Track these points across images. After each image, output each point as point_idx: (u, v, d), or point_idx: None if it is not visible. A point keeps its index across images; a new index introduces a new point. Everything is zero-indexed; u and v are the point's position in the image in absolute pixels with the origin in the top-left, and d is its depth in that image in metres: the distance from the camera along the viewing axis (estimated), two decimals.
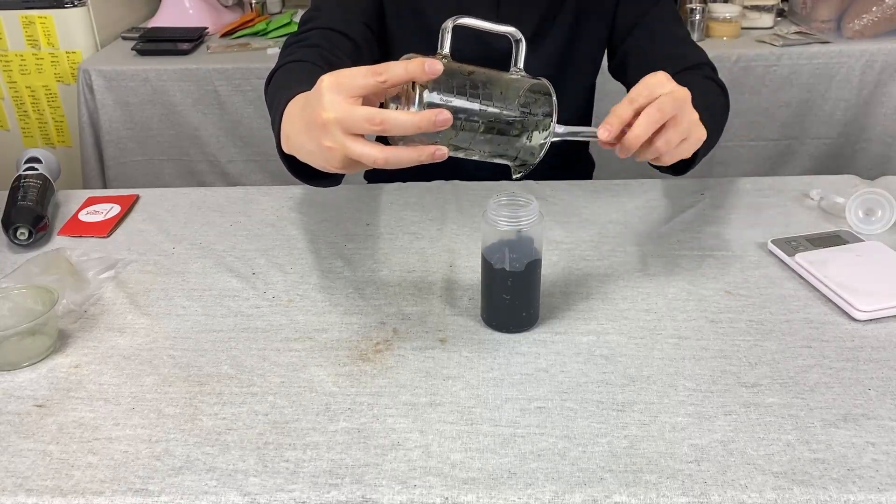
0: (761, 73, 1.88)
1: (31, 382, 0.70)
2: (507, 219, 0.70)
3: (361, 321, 0.78)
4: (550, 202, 1.01)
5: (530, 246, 0.71)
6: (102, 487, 0.58)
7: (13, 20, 1.99)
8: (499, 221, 0.70)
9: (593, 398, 0.66)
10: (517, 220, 0.69)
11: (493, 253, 0.72)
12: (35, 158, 1.06)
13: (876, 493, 0.56)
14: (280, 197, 1.05)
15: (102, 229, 0.96)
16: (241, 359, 0.73)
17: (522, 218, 0.69)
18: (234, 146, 2.00)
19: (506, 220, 0.70)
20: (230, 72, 1.91)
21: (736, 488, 0.56)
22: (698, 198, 1.01)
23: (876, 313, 0.75)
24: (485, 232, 0.72)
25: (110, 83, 1.93)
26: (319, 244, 0.93)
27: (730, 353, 0.71)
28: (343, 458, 0.60)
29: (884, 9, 1.89)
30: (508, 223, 0.70)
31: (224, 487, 0.58)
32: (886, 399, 0.65)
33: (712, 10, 2.01)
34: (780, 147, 1.97)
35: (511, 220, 0.69)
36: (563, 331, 0.75)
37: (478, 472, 0.59)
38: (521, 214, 0.70)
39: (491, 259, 0.72)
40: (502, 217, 0.70)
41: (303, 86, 0.66)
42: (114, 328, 0.78)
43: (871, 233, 0.89)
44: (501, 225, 0.70)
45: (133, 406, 0.67)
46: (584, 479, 0.58)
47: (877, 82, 1.89)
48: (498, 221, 0.70)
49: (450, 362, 0.71)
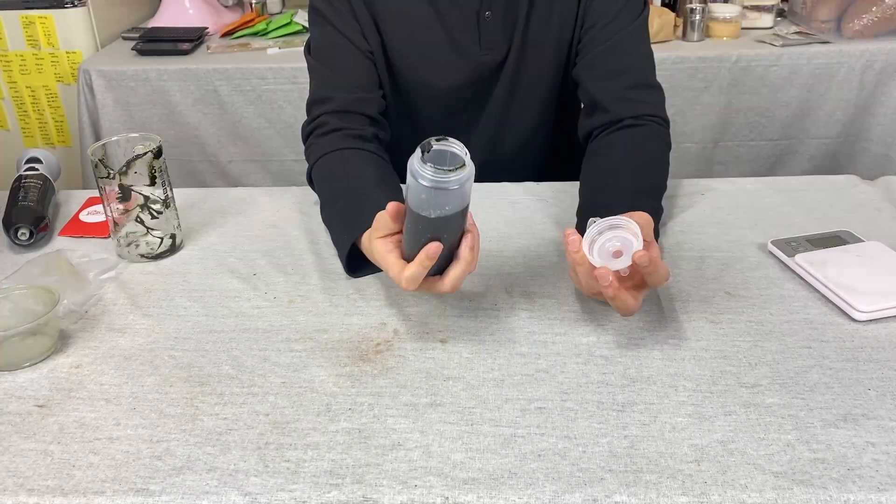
0: (761, 73, 1.88)
1: (32, 383, 0.70)
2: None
3: (362, 322, 0.78)
4: (550, 202, 1.01)
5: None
6: (103, 487, 0.58)
7: (13, 20, 1.99)
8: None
9: (593, 398, 0.66)
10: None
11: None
12: (35, 158, 1.06)
13: (876, 492, 0.56)
14: (281, 197, 1.05)
15: (103, 230, 0.96)
16: (242, 359, 0.73)
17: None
18: (234, 146, 2.00)
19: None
20: (230, 72, 1.91)
21: (736, 488, 0.57)
22: (698, 198, 1.01)
23: (876, 314, 0.75)
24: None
25: (110, 83, 1.93)
26: (320, 245, 0.93)
27: (730, 353, 0.71)
28: (344, 458, 0.60)
29: (884, 9, 1.89)
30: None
31: (225, 487, 0.58)
32: (886, 399, 0.65)
33: (712, 10, 2.01)
34: (780, 147, 1.97)
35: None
36: (563, 332, 0.75)
37: (478, 472, 0.59)
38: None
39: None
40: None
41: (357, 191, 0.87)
42: (115, 328, 0.78)
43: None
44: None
45: (134, 406, 0.67)
46: (585, 479, 0.58)
47: (877, 82, 1.89)
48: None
49: (450, 363, 0.71)
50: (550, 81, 1.08)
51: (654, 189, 0.89)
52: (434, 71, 1.04)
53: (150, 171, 0.87)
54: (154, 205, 0.88)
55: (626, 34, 0.99)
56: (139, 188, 0.87)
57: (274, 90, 1.92)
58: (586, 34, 1.01)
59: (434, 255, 0.67)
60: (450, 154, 0.64)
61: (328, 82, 1.00)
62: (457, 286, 0.71)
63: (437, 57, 1.03)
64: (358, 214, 0.82)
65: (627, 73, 0.99)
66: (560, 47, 1.04)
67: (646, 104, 0.98)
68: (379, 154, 0.96)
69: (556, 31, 1.03)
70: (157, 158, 0.87)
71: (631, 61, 1.00)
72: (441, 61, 1.04)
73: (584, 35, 1.01)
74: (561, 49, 1.04)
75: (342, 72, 1.00)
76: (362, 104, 0.99)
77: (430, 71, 1.04)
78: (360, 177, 0.90)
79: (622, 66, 0.99)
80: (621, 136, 0.96)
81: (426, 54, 1.03)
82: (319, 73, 1.01)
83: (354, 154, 0.94)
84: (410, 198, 0.65)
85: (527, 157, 1.15)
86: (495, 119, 1.09)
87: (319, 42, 1.02)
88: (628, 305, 0.71)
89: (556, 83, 1.08)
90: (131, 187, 0.86)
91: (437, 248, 0.67)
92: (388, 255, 0.72)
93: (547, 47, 1.04)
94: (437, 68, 1.04)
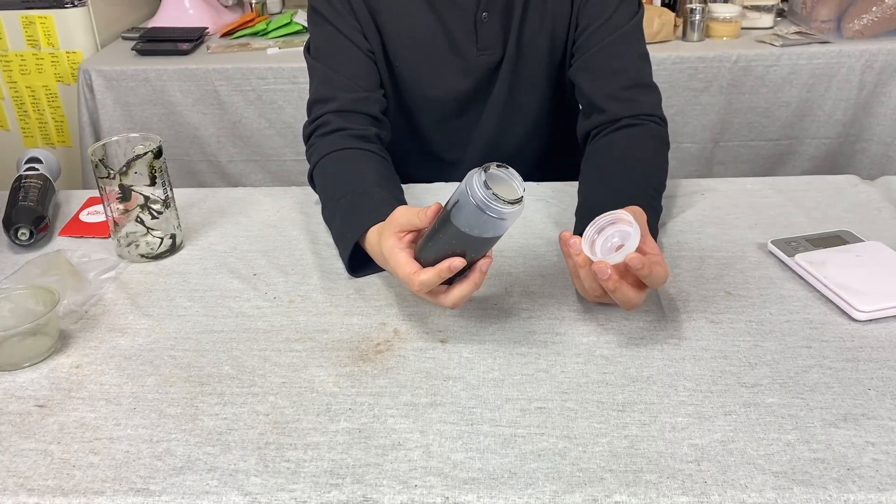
0: (761, 73, 1.88)
1: (33, 383, 0.70)
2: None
3: (362, 322, 0.78)
4: (550, 202, 1.01)
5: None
6: (104, 487, 0.58)
7: (13, 20, 1.99)
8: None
9: (593, 398, 0.66)
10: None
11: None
12: (35, 158, 1.06)
13: (876, 492, 0.56)
14: (281, 197, 1.05)
15: (103, 230, 0.96)
16: (242, 359, 0.73)
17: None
18: (234, 146, 2.00)
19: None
20: (230, 72, 1.91)
21: (736, 488, 0.57)
22: (698, 198, 1.01)
23: (876, 313, 0.75)
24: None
25: (110, 83, 1.93)
26: (320, 245, 0.93)
27: (730, 353, 0.71)
28: (344, 458, 0.60)
29: (884, 9, 1.89)
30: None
31: (225, 487, 0.58)
32: (886, 399, 0.65)
33: (712, 10, 2.01)
34: (780, 147, 1.97)
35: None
36: (563, 331, 0.75)
37: (478, 472, 0.59)
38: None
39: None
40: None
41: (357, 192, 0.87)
42: (115, 328, 0.78)
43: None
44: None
45: (134, 406, 0.67)
46: (585, 478, 0.58)
47: (877, 82, 1.89)
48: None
49: (450, 363, 0.71)
50: (548, 82, 1.08)
51: (653, 188, 0.89)
52: (433, 72, 1.05)
53: (150, 171, 0.87)
54: (154, 205, 0.88)
55: (621, 34, 0.99)
56: (139, 188, 0.87)
57: (274, 90, 1.92)
58: (581, 35, 1.01)
59: (456, 269, 0.68)
60: (508, 184, 0.65)
61: (329, 82, 1.00)
62: (459, 304, 0.71)
63: (435, 58, 1.03)
64: (360, 213, 0.82)
65: (623, 73, 0.99)
66: (554, 49, 1.04)
67: (642, 104, 0.98)
68: (381, 154, 0.96)
69: (549, 32, 1.03)
70: (157, 158, 0.87)
71: (626, 61, 1.00)
72: (439, 62, 1.04)
73: (579, 36, 1.01)
74: (555, 50, 1.05)
75: (343, 71, 1.00)
76: (364, 104, 0.99)
77: (428, 72, 1.05)
78: (363, 176, 0.90)
79: (617, 66, 0.99)
80: (619, 136, 0.96)
81: (425, 55, 1.03)
82: (320, 73, 1.01)
83: (356, 154, 0.94)
84: (456, 210, 0.65)
85: (527, 156, 1.15)
86: (495, 120, 1.09)
87: (319, 42, 1.02)
88: (629, 298, 0.70)
89: (554, 84, 1.08)
90: (131, 187, 0.86)
91: (460, 263, 0.67)
92: (399, 253, 0.71)
93: (542, 48, 1.04)
94: (436, 69, 1.04)
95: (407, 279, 0.70)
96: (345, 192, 0.89)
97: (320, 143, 0.97)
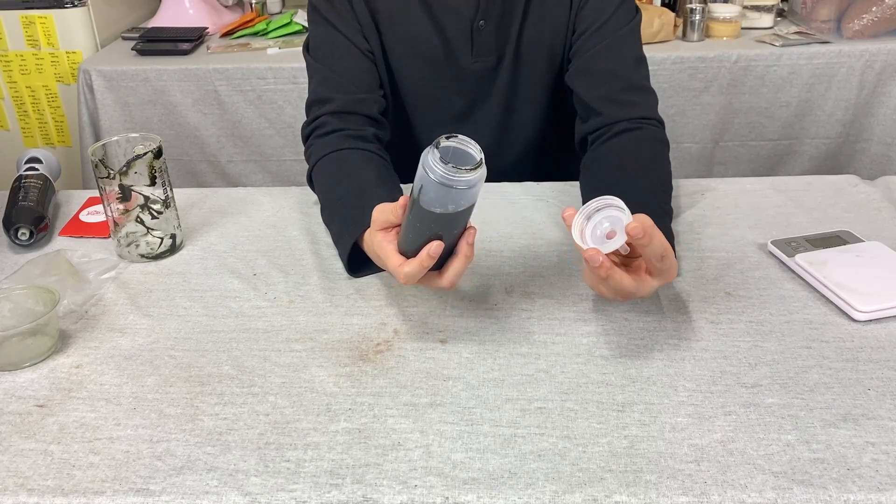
0: (761, 73, 1.88)
1: (33, 383, 0.70)
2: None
3: (362, 322, 0.78)
4: (550, 202, 1.01)
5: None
6: (104, 487, 0.58)
7: (13, 20, 1.99)
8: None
9: (593, 399, 0.66)
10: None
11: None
12: (35, 158, 1.06)
13: (876, 492, 0.56)
14: (281, 197, 1.05)
15: (103, 230, 0.96)
16: (242, 359, 0.73)
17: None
18: (233, 146, 2.00)
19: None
20: (230, 72, 1.91)
21: (736, 488, 0.57)
22: (698, 198, 1.01)
23: (876, 314, 0.75)
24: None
25: (110, 83, 1.93)
26: (320, 245, 0.93)
27: (730, 353, 0.71)
28: (344, 459, 0.60)
29: (884, 9, 1.89)
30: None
31: (225, 487, 0.58)
32: (886, 399, 0.65)
33: (712, 10, 2.01)
34: (780, 147, 1.97)
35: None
36: (563, 332, 0.75)
37: (478, 472, 0.59)
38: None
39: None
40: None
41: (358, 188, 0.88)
42: (115, 328, 0.78)
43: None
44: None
45: (134, 406, 0.67)
46: (585, 479, 0.58)
47: (877, 82, 1.89)
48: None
49: (450, 363, 0.71)
50: (546, 88, 1.08)
51: (661, 190, 0.89)
52: (429, 76, 1.05)
53: (150, 171, 0.87)
54: (154, 205, 0.88)
55: (618, 38, 0.99)
56: (139, 188, 0.87)
57: (274, 90, 1.92)
58: (578, 39, 1.01)
59: (435, 254, 0.67)
60: (464, 153, 0.64)
61: (328, 82, 1.00)
62: (455, 282, 0.71)
63: (431, 62, 1.04)
64: (359, 214, 0.82)
65: (619, 75, 0.99)
66: (553, 55, 1.04)
67: (640, 106, 0.98)
68: (379, 153, 0.96)
69: (548, 38, 1.03)
70: (157, 158, 0.87)
71: (622, 64, 0.99)
72: (435, 67, 1.04)
73: (576, 41, 1.01)
74: (554, 56, 1.05)
75: (342, 72, 1.00)
76: (362, 104, 0.99)
77: (425, 76, 1.05)
78: (361, 176, 0.90)
79: (614, 70, 0.99)
80: (619, 141, 0.95)
81: (421, 59, 1.03)
82: (319, 73, 1.01)
83: (355, 154, 0.94)
84: (423, 194, 0.65)
85: (527, 161, 1.15)
86: (494, 126, 1.09)
87: (319, 42, 1.02)
88: (624, 286, 0.68)
89: (553, 89, 1.08)
90: (131, 187, 0.86)
91: (438, 247, 0.67)
92: (386, 247, 0.71)
93: (540, 56, 1.04)
94: (432, 74, 1.04)
95: (393, 272, 0.70)
96: (343, 192, 0.89)
97: (318, 143, 0.97)
